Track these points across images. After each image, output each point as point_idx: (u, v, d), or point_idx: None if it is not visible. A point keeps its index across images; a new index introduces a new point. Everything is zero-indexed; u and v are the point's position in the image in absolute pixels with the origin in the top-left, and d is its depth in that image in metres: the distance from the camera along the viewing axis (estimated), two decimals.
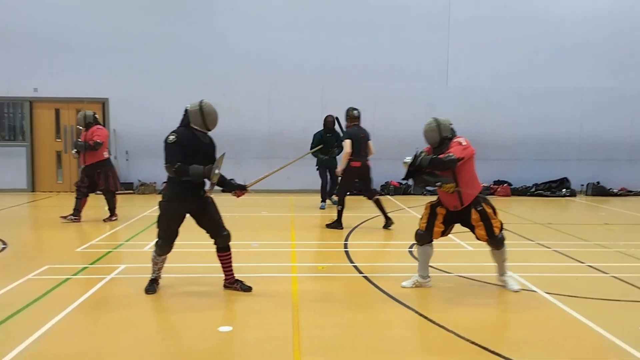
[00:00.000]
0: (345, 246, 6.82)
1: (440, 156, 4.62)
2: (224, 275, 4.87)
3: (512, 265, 5.67)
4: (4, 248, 6.55)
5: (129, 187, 12.50)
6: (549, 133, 12.81)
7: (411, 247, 6.69)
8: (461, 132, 4.97)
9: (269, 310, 4.30)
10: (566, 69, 12.78)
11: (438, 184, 4.68)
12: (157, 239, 4.66)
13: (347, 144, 7.71)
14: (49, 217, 9.24)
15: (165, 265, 4.81)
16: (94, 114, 8.71)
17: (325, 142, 10.10)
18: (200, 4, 12.51)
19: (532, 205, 11.23)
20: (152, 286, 4.74)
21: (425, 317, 4.18)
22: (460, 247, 6.64)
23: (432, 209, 4.91)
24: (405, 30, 12.66)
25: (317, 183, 11.96)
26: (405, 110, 12.65)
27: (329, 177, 10.40)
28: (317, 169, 10.39)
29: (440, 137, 4.82)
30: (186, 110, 4.63)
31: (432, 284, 4.99)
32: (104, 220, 8.51)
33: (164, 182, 4.71)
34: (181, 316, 4.21)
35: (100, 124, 8.64)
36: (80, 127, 8.53)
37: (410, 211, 9.99)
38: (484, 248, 5.08)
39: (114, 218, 8.60)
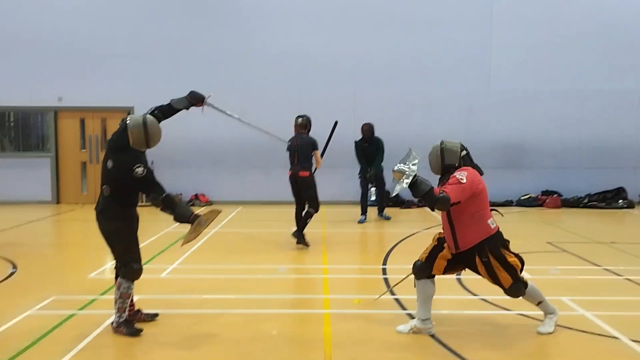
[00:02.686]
0: (384, 271, 6.08)
1: (436, 190, 3.69)
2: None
3: (580, 300, 4.88)
4: (12, 273, 6.05)
5: None
6: (603, 139, 11.77)
7: (459, 273, 5.89)
8: (504, 139, 4.20)
9: None
10: (621, 70, 11.75)
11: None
12: (123, 267, 4.02)
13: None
14: (68, 233, 8.81)
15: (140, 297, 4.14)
16: None
17: (365, 151, 9.46)
18: (224, 7, 11.99)
19: (586, 218, 10.25)
20: (134, 327, 4.08)
21: None
22: None
23: (439, 241, 4.08)
24: (444, 29, 11.85)
25: (348, 194, 11.31)
26: (443, 115, 11.81)
27: (373, 188, 9.88)
28: (359, 177, 9.72)
29: (442, 164, 3.92)
30: (125, 127, 4.02)
31: (434, 330, 4.10)
32: None
33: (100, 207, 4.08)
34: None
35: None
36: None
37: None
38: (543, 275, 4.27)
39: None
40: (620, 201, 11.37)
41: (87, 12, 11.91)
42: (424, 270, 4.06)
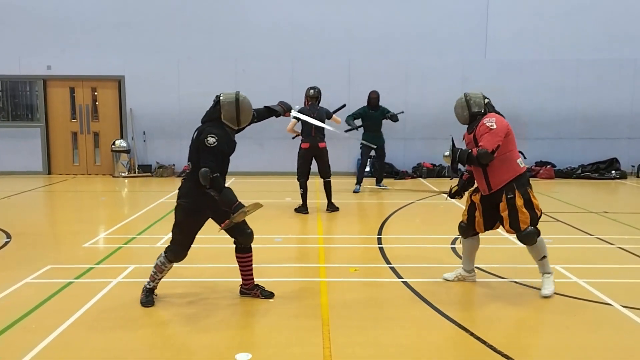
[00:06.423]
0: (379, 241, 6.11)
1: (474, 152, 4.10)
2: (241, 279, 4.23)
3: (574, 268, 4.95)
4: (7, 242, 6.02)
5: (147, 169, 11.96)
6: (598, 109, 11.76)
7: (453, 242, 5.95)
8: (499, 110, 4.35)
9: (295, 331, 3.62)
10: (618, 40, 11.64)
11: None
12: (170, 245, 4.00)
13: (290, 124, 7.78)
14: (61, 203, 8.75)
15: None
16: None
17: (370, 118, 9.49)
18: None
19: (579, 189, 10.32)
20: (150, 298, 4.07)
21: (486, 343, 3.45)
22: (508, 242, 5.85)
23: (470, 198, 4.40)
24: None
25: (341, 165, 11.26)
26: (438, 85, 11.71)
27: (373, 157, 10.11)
28: (361, 147, 9.71)
29: (469, 112, 4.26)
30: (218, 101, 3.94)
31: (476, 279, 4.53)
32: None
33: (183, 177, 3.99)
34: (191, 338, 3.56)
35: None
36: None
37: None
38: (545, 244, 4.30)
39: None
40: (613, 172, 11.43)
41: None
42: (467, 230, 4.41)
